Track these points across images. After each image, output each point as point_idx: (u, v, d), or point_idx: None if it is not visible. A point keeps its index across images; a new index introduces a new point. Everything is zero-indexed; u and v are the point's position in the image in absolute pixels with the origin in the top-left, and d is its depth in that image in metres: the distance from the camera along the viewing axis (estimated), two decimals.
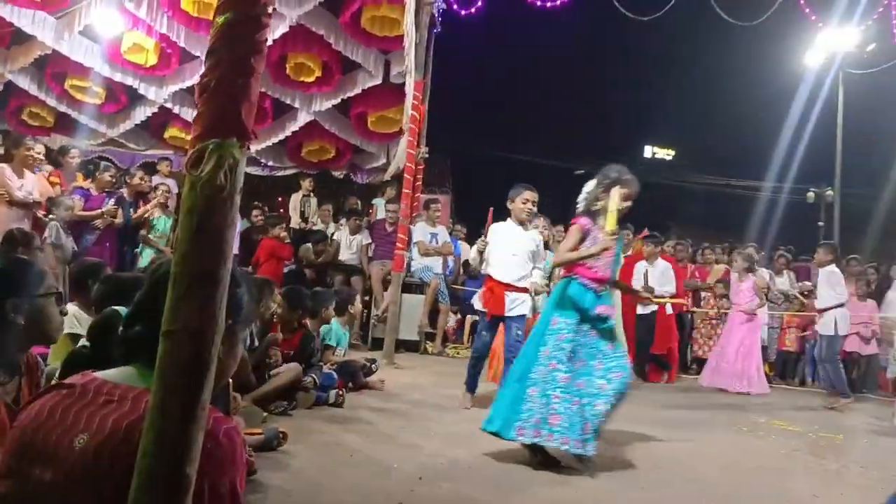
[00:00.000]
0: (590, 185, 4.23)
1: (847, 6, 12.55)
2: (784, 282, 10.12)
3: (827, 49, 14.99)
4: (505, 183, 5.71)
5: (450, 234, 10.50)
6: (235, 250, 9.59)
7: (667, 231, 12.49)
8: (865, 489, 4.03)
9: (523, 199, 5.40)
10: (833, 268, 7.81)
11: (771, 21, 11.50)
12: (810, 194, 22.40)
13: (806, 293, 9.90)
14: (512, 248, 5.43)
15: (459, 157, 20.65)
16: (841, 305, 7.60)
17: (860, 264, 9.88)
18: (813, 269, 9.46)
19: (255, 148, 10.42)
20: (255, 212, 10.35)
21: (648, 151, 33.84)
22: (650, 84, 24.82)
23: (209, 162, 1.14)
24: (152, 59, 9.27)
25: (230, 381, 3.06)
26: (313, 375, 4.96)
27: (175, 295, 1.14)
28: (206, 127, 1.17)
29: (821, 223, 21.32)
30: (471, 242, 11.48)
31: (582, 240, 4.08)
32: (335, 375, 5.45)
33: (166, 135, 10.71)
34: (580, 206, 4.22)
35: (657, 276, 8.65)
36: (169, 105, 10.00)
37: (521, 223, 5.48)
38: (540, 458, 3.95)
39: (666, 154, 34.13)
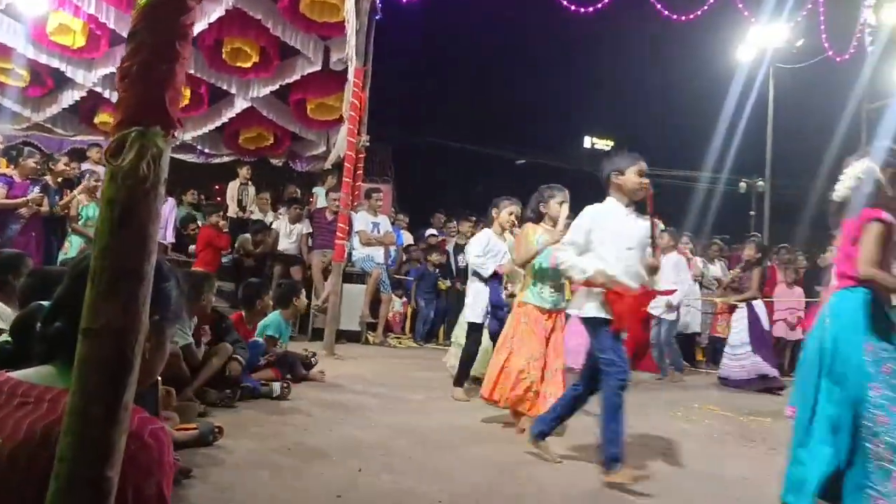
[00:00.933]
0: None
1: (777, 2, 12.95)
2: (717, 269, 10.41)
3: (758, 44, 15.43)
4: (447, 172, 5.71)
5: (392, 223, 10.45)
6: (171, 239, 9.47)
7: None
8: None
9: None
10: (676, 254, 8.34)
11: (706, 15, 11.79)
12: (742, 185, 23.12)
13: (736, 280, 10.21)
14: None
15: (402, 147, 20.60)
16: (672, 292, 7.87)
17: (789, 253, 10.23)
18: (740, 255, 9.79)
19: (190, 135, 10.16)
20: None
21: (588, 142, 34.33)
22: (590, 76, 25.15)
23: (131, 151, 1.08)
24: (80, 41, 8.92)
25: (159, 379, 2.97)
26: (237, 357, 4.84)
27: (95, 291, 1.09)
28: (127, 114, 1.11)
29: (752, 213, 22.06)
30: (413, 232, 11.49)
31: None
32: (260, 341, 5.40)
33: (96, 120, 10.33)
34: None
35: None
36: (98, 89, 9.64)
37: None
38: None
39: (605, 145, 34.68)
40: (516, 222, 5.55)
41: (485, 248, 5.63)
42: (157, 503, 1.20)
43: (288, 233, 9.44)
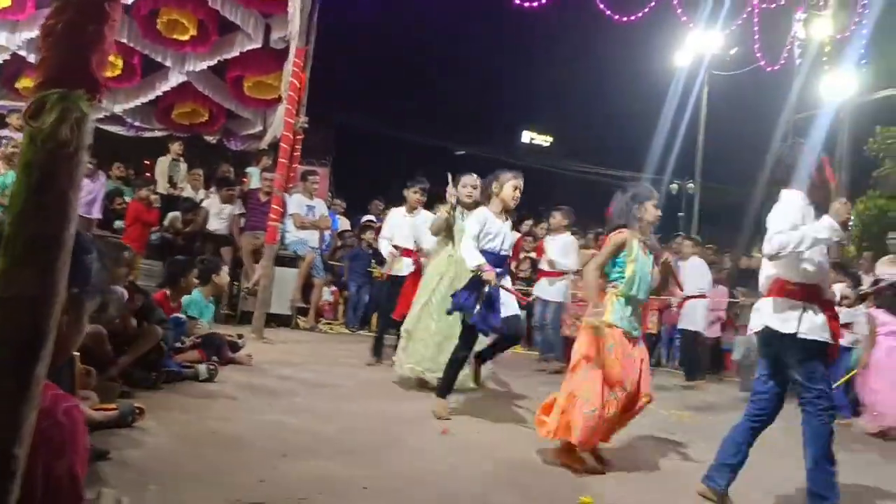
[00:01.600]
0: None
1: (713, 10, 13.34)
2: None
3: (695, 49, 15.86)
4: (387, 160, 5.68)
5: (328, 207, 10.33)
6: (98, 214, 9.12)
7: (540, 216, 12.87)
8: (707, 463, 4.35)
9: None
10: (568, 236, 8.28)
11: (647, 17, 12.06)
12: (673, 186, 23.78)
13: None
14: None
15: (342, 131, 20.36)
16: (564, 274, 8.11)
17: (715, 253, 10.58)
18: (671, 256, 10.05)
19: (122, 107, 9.78)
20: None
21: (526, 136, 34.66)
22: (531, 71, 25.39)
23: (51, 113, 1.03)
24: (4, 1, 8.46)
25: (77, 354, 2.86)
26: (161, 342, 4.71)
27: (9, 259, 1.03)
28: (49, 75, 1.06)
29: (681, 214, 22.72)
30: (350, 218, 11.39)
31: None
32: (183, 318, 5.28)
33: (19, 85, 9.82)
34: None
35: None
36: (23, 52, 9.17)
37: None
38: None
39: (543, 140, 35.09)
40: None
41: (482, 230, 4.72)
42: (68, 484, 1.15)
43: (219, 212, 9.20)
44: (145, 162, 12.06)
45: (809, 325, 3.24)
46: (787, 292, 3.33)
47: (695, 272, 8.66)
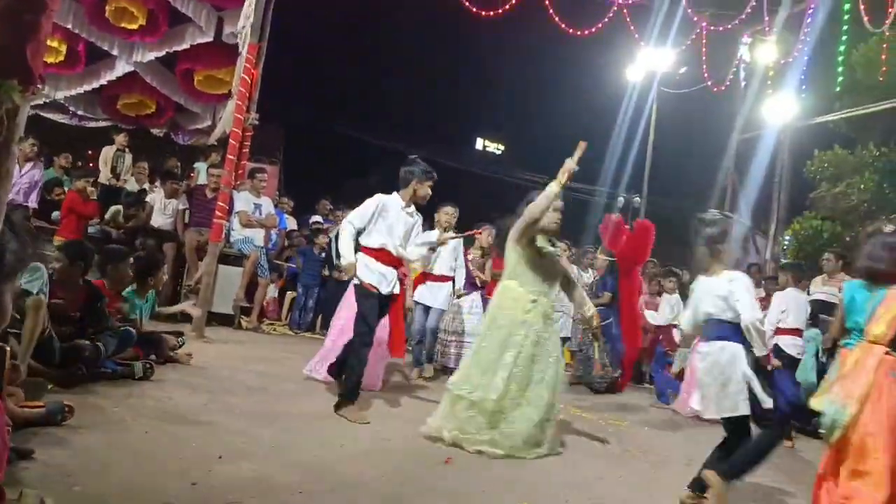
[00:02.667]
0: None
1: (664, 29, 13.66)
2: (590, 277, 10.85)
3: (646, 66, 16.19)
4: (338, 160, 5.56)
5: (275, 206, 10.21)
6: (34, 203, 8.81)
7: (492, 223, 12.97)
8: (642, 472, 4.45)
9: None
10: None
11: (602, 32, 12.29)
12: (620, 199, 24.20)
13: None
14: None
15: (294, 129, 20.13)
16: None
17: (656, 266, 10.79)
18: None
19: (63, 94, 9.50)
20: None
21: (480, 144, 34.86)
22: (488, 77, 25.52)
23: None
24: None
25: (6, 348, 2.76)
26: (99, 343, 4.57)
27: None
28: None
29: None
30: (297, 217, 11.26)
31: None
32: (132, 332, 5.14)
33: None
34: None
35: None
36: None
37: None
38: None
39: (496, 148, 35.33)
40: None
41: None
42: None
43: (163, 207, 9.00)
44: (89, 152, 11.72)
45: None
46: None
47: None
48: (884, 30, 11.30)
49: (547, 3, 10.96)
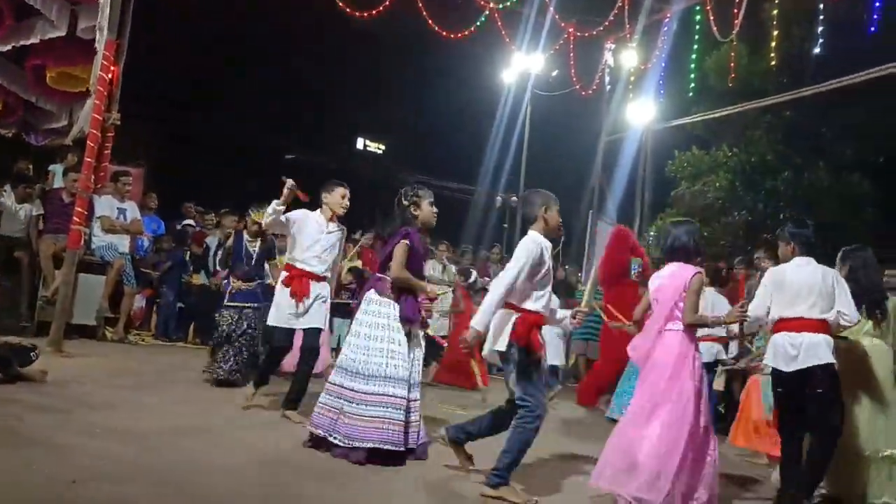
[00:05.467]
0: None
1: (534, 34, 14.10)
2: (472, 277, 11.04)
3: (520, 69, 16.64)
4: (210, 162, 5.32)
5: (148, 210, 9.77)
6: None
7: (373, 225, 12.93)
8: None
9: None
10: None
11: (477, 35, 12.52)
12: (498, 199, 24.77)
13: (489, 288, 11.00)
14: None
15: (161, 130, 19.23)
16: None
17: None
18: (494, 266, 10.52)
19: None
20: None
21: (360, 143, 34.62)
22: (367, 76, 25.32)
23: None
24: None
25: None
26: None
27: None
28: None
29: (505, 225, 23.74)
30: (164, 219, 10.77)
31: None
32: None
33: None
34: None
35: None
36: None
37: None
38: None
39: (377, 148, 35.20)
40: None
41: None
42: None
43: (14, 213, 8.35)
44: None
45: None
46: None
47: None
48: (731, 39, 12.17)
49: (420, 5, 11.04)
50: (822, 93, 11.27)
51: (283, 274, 5.33)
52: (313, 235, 5.26)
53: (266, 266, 6.64)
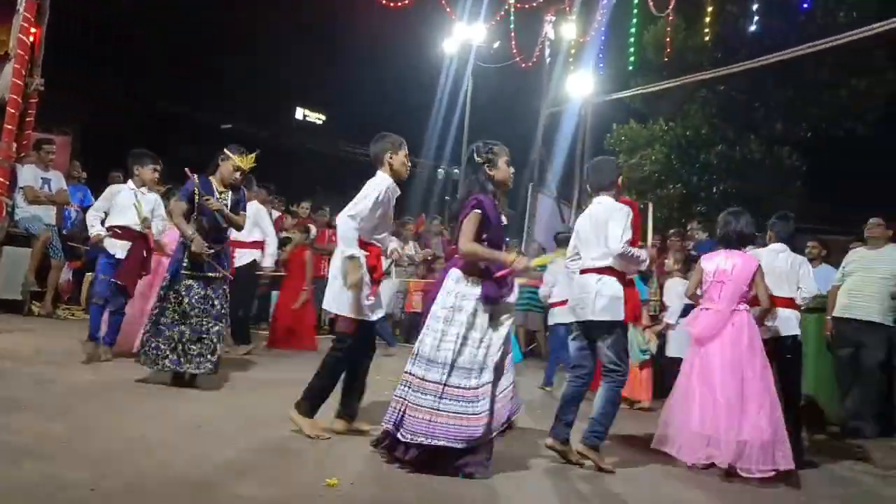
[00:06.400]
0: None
1: (475, 4, 14.03)
2: (410, 248, 11.01)
3: (461, 40, 16.55)
4: (143, 130, 5.15)
5: (76, 180, 9.41)
6: None
7: (314, 195, 12.75)
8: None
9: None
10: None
11: (418, 5, 12.36)
12: (440, 171, 24.74)
13: (430, 258, 11.01)
14: None
15: (91, 96, 18.44)
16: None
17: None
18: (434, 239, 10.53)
19: None
20: None
21: (300, 113, 33.97)
22: (304, 45, 24.72)
23: None
24: None
25: None
26: None
27: None
28: None
29: (447, 198, 23.76)
30: (93, 189, 10.36)
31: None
32: None
33: None
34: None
35: None
36: None
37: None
38: None
39: (317, 118, 34.60)
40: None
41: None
42: None
43: None
44: None
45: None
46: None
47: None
48: (667, 14, 12.34)
49: None
50: (755, 69, 11.57)
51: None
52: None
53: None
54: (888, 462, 5.18)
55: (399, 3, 11.82)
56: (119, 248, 5.99)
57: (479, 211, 3.80)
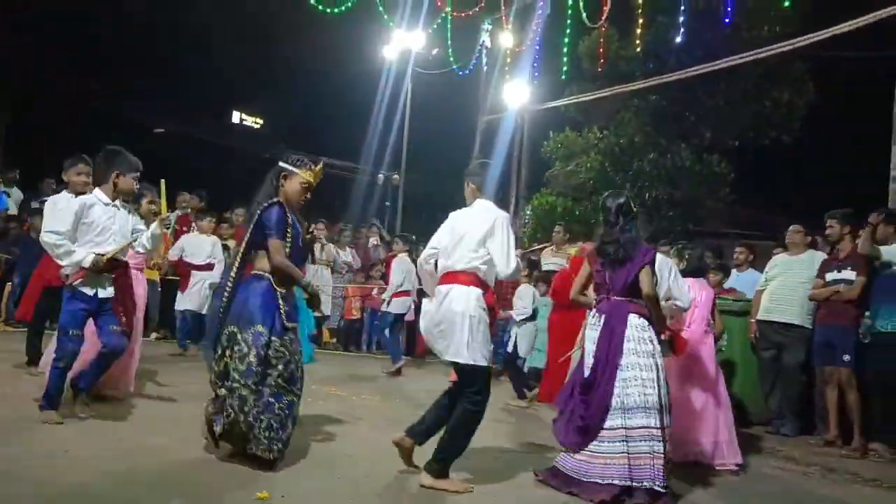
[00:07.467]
0: None
1: (413, 11, 14.08)
2: (347, 255, 10.97)
3: (400, 47, 16.57)
4: (73, 132, 4.88)
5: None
6: None
7: (249, 204, 12.53)
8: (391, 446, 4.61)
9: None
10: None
11: (356, 11, 12.33)
12: (380, 177, 24.66)
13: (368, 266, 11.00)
14: None
15: (18, 97, 17.77)
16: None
17: (407, 242, 11.12)
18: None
19: None
20: None
21: (236, 117, 33.38)
22: (243, 48, 24.29)
23: None
24: None
25: None
26: None
27: None
28: None
29: (388, 203, 23.69)
30: (25, 189, 9.98)
31: None
32: None
33: None
34: None
35: None
36: None
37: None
38: None
39: (254, 122, 34.05)
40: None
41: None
42: None
43: None
44: None
45: None
46: None
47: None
48: (600, 25, 12.63)
49: None
50: (684, 79, 11.94)
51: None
52: None
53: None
54: (808, 459, 5.43)
55: (334, 10, 11.78)
56: (100, 286, 4.47)
57: (649, 268, 4.05)
